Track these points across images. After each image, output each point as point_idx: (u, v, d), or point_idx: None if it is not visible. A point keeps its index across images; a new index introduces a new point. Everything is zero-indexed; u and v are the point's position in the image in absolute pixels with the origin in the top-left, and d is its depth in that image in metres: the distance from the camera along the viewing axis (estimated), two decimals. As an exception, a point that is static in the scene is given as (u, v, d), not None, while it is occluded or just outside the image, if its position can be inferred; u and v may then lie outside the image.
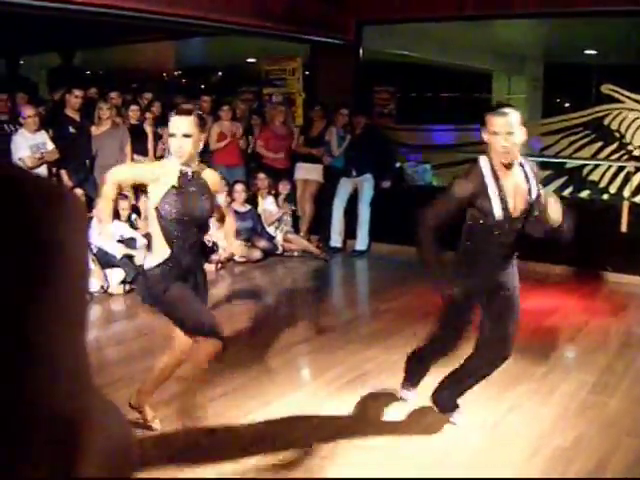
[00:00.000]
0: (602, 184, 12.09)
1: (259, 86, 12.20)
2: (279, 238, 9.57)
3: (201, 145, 4.12)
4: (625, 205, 8.84)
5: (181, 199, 4.00)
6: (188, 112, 4.04)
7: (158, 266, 4.05)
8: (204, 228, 4.33)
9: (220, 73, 19.27)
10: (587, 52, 13.87)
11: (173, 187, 4.00)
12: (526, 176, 4.19)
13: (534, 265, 9.09)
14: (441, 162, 12.26)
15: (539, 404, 5.08)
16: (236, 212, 9.31)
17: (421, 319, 6.94)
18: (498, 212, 4.10)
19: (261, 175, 9.77)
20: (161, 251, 4.06)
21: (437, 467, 4.12)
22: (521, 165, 4.22)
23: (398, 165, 10.92)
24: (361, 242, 9.86)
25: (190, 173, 4.06)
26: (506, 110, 4.11)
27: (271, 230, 9.58)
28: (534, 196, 4.18)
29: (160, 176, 4.03)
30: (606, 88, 12.59)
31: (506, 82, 15.12)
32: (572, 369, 6.01)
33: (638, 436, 4.61)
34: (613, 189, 11.94)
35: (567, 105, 14.13)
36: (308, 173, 10.15)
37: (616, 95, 12.47)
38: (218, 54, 15.88)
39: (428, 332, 4.70)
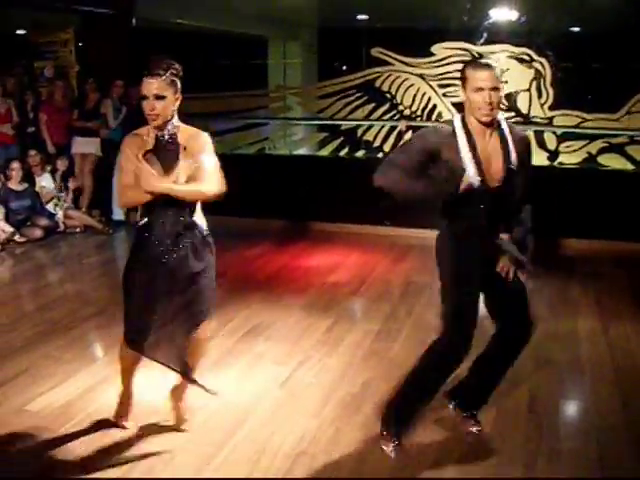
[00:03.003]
0: (376, 143, 12.60)
1: (30, 59, 11.67)
2: (60, 215, 9.27)
3: (176, 105, 3.70)
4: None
5: (155, 166, 3.66)
6: (159, 73, 3.61)
7: (139, 230, 3.87)
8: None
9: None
10: (359, 17, 14.27)
11: (147, 152, 3.68)
12: (503, 139, 3.63)
13: (316, 224, 9.40)
14: (220, 129, 12.29)
15: (327, 355, 5.29)
16: (13, 191, 8.95)
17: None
18: (473, 176, 3.54)
19: (32, 152, 9.39)
20: (143, 218, 3.88)
21: (240, 425, 4.21)
22: (499, 126, 3.65)
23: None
24: (143, 214, 9.73)
25: (167, 137, 3.71)
26: (489, 62, 3.58)
27: (51, 207, 9.27)
28: (513, 161, 3.61)
29: (141, 148, 3.69)
30: (376, 51, 13.07)
31: (281, 48, 15.30)
32: (357, 319, 6.30)
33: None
34: (387, 147, 12.47)
35: (342, 69, 14.49)
36: (85, 147, 9.88)
37: (386, 58, 12.97)
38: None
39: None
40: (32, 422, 4.22)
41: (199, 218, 3.86)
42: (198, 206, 3.85)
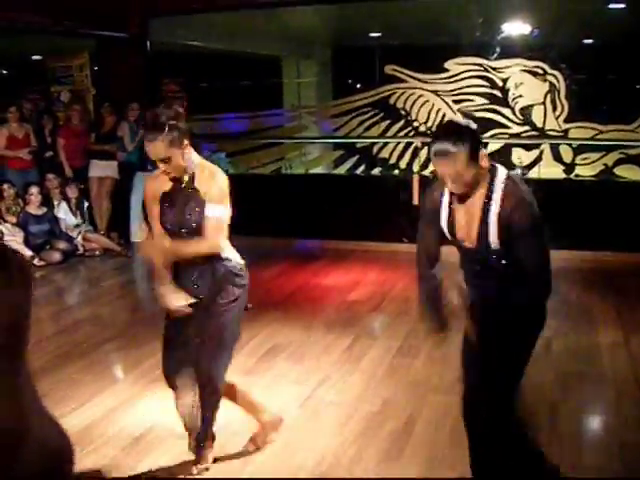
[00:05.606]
0: (392, 160, 12.62)
1: (46, 84, 11.79)
2: (79, 238, 9.33)
3: (186, 154, 3.58)
4: (415, 178, 9.26)
5: (170, 209, 3.64)
6: (156, 137, 3.50)
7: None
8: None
9: (5, 72, 18.42)
10: (372, 35, 14.35)
11: (163, 195, 3.67)
12: (488, 202, 3.09)
13: (334, 243, 9.40)
14: (236, 150, 12.34)
15: (348, 373, 5.28)
16: (32, 215, 9.01)
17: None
18: (448, 236, 3.28)
19: (50, 175, 9.47)
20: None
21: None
22: (490, 186, 3.10)
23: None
24: (162, 235, 9.77)
25: (185, 182, 3.63)
26: (447, 149, 2.96)
27: (69, 231, 9.33)
28: (490, 225, 3.08)
29: (157, 189, 3.70)
30: (390, 69, 13.12)
31: (295, 67, 15.38)
32: (378, 336, 6.27)
33: (442, 392, 4.87)
34: (403, 164, 12.50)
35: (356, 87, 14.56)
36: (103, 170, 9.96)
37: (399, 75, 13.02)
38: (1, 53, 15.14)
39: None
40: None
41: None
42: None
